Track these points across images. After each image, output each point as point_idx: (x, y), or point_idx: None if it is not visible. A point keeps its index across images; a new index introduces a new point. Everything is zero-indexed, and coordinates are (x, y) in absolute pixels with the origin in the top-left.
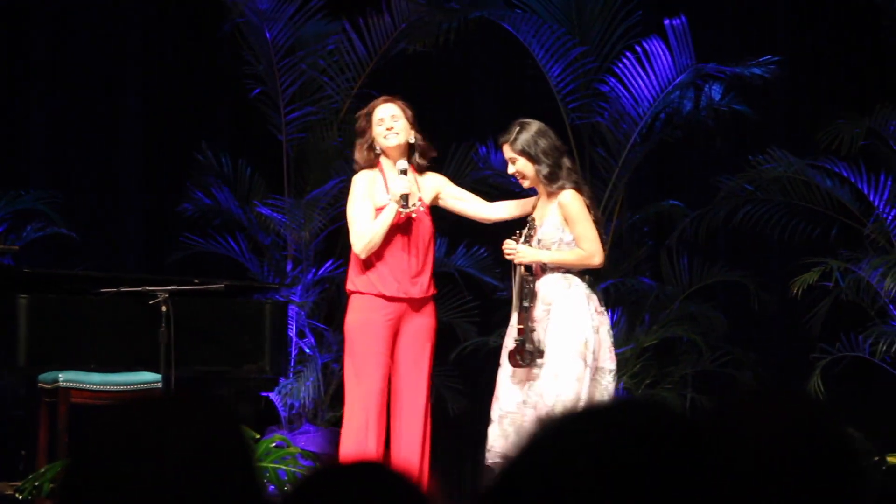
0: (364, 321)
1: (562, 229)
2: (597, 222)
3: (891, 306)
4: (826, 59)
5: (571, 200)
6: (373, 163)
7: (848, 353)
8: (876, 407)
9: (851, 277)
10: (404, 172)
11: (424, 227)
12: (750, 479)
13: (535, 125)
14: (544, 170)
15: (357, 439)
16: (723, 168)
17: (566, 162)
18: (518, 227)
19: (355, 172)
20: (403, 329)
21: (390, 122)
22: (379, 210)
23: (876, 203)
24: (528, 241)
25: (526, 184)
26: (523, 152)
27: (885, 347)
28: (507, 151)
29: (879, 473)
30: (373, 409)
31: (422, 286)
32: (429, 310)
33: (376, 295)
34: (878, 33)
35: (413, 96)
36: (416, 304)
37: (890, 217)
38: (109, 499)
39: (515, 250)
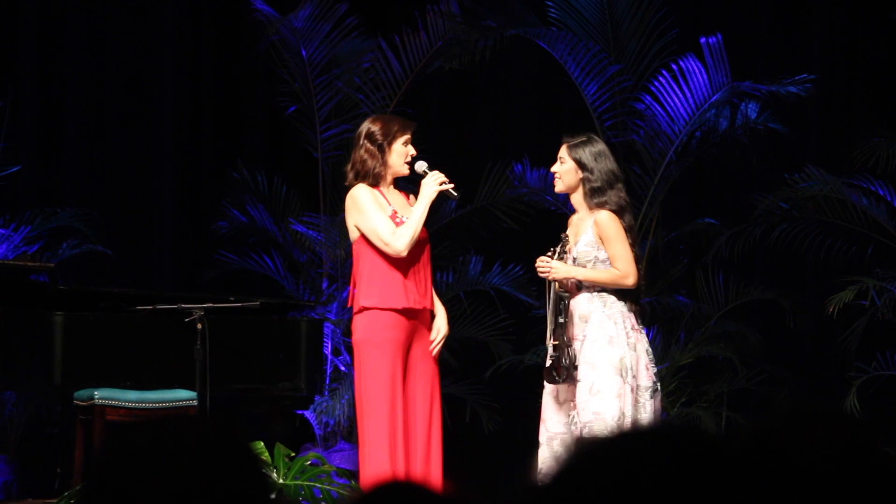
0: (380, 338)
1: (597, 247)
2: (632, 247)
3: None
4: (862, 76)
5: (607, 220)
6: (376, 180)
7: (884, 371)
8: None
9: (887, 296)
10: (427, 171)
11: (424, 240)
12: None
13: (602, 145)
14: (592, 183)
15: (379, 460)
16: (759, 186)
17: (618, 188)
18: (552, 244)
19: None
20: (415, 344)
21: (413, 150)
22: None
23: None
24: (561, 258)
25: (559, 187)
26: (578, 161)
27: None
28: (563, 151)
29: None
30: (389, 430)
31: (430, 298)
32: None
33: (393, 310)
34: None
35: (449, 114)
36: (425, 318)
37: None
38: None
39: (550, 267)
